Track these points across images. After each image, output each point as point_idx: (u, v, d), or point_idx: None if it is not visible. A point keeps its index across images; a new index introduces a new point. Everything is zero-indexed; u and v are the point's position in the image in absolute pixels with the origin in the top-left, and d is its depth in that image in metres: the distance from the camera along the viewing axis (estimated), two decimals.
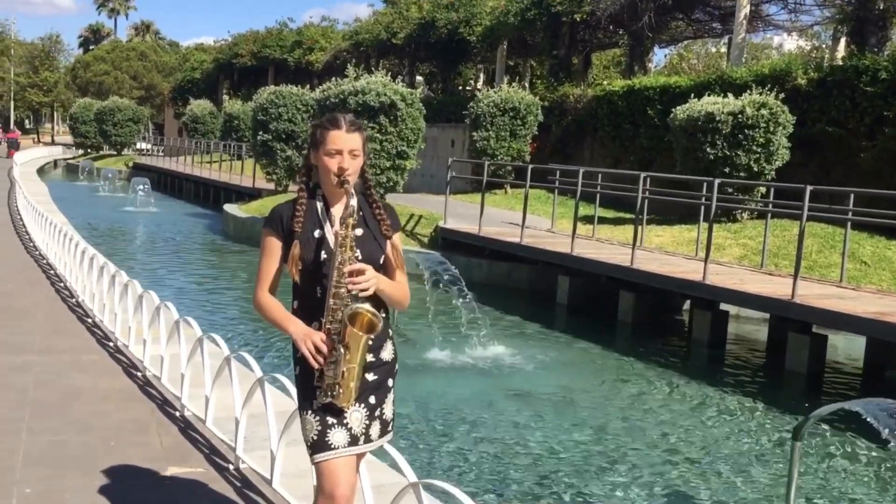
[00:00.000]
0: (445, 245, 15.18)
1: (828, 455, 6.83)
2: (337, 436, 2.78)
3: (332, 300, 2.72)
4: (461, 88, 35.43)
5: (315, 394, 2.78)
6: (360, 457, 2.97)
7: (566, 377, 9.00)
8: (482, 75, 37.84)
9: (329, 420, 2.78)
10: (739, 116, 14.35)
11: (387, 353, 2.90)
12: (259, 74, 43.23)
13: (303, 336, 2.74)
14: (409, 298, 2.95)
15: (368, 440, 2.86)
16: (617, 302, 11.96)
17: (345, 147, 2.78)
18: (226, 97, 45.59)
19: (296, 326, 2.78)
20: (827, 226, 12.85)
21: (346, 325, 2.68)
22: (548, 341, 10.70)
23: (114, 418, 5.14)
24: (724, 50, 33.12)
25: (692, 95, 15.84)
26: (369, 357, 2.81)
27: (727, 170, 14.27)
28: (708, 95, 15.52)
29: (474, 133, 20.12)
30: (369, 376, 2.84)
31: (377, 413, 2.88)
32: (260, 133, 21.90)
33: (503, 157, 19.67)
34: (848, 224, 11.18)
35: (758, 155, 14.37)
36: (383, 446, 3.02)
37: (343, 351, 2.70)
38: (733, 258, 12.69)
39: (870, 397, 3.29)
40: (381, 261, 2.86)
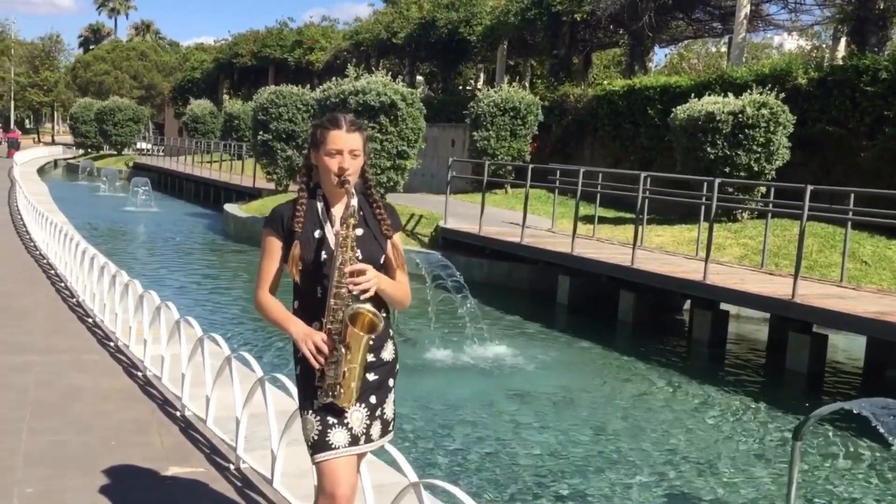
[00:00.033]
0: (446, 245, 15.17)
1: (828, 455, 6.83)
2: (338, 436, 2.78)
3: (333, 300, 2.71)
4: (461, 88, 35.44)
5: (316, 394, 2.78)
6: (361, 456, 2.97)
7: (566, 377, 9.00)
8: (482, 75, 37.85)
9: (330, 420, 2.78)
10: (740, 116, 14.35)
11: (387, 353, 2.90)
12: (259, 74, 43.27)
13: (303, 336, 2.74)
14: (411, 298, 2.95)
15: (369, 440, 2.86)
16: (617, 302, 11.96)
17: (345, 147, 2.78)
18: (226, 97, 45.61)
19: (296, 327, 2.78)
20: (827, 225, 12.85)
21: (347, 326, 2.68)
22: (548, 341, 10.70)
23: (114, 418, 5.15)
24: (725, 49, 33.12)
25: (692, 95, 15.85)
26: (370, 357, 2.81)
27: (727, 169, 14.27)
28: (708, 95, 15.52)
29: (475, 133, 20.12)
30: (370, 376, 2.83)
31: (378, 413, 2.88)
32: (260, 133, 21.91)
33: (503, 157, 19.67)
34: (848, 224, 11.18)
35: (758, 155, 14.37)
36: (384, 446, 3.01)
37: (344, 351, 2.70)
38: (734, 258, 12.69)
39: (870, 397, 3.29)
40: (382, 260, 2.86)
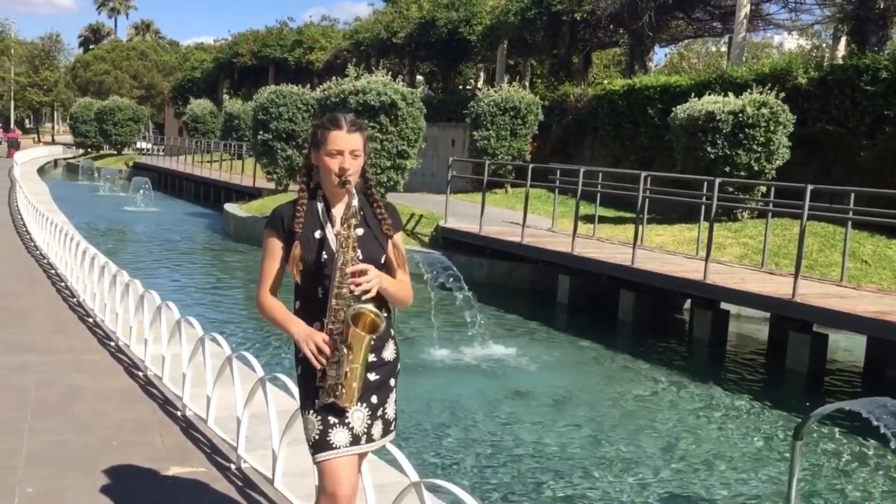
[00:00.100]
0: (446, 244, 15.17)
1: (829, 454, 6.83)
2: (339, 435, 2.78)
3: (335, 300, 2.71)
4: (461, 88, 35.45)
5: (317, 394, 2.77)
6: (363, 456, 2.97)
7: (567, 376, 9.01)
8: (482, 74, 37.84)
9: (331, 420, 2.78)
10: (740, 115, 14.35)
11: (389, 353, 2.90)
12: (259, 74, 43.28)
13: (305, 337, 2.74)
14: (412, 297, 2.95)
15: (370, 440, 2.86)
16: (617, 301, 11.96)
17: (346, 147, 2.78)
18: (226, 96, 45.62)
19: (297, 327, 2.78)
20: (827, 225, 12.85)
21: (349, 326, 2.68)
22: (548, 341, 10.70)
23: (115, 418, 5.14)
24: (725, 49, 33.12)
25: (692, 95, 15.84)
26: (371, 357, 2.81)
27: (728, 169, 14.27)
28: (708, 94, 15.51)
29: (475, 132, 20.12)
30: (371, 376, 2.83)
31: (379, 413, 2.88)
32: (260, 132, 21.90)
33: (504, 157, 19.66)
34: (848, 223, 11.17)
35: (758, 154, 14.37)
36: (385, 446, 3.01)
37: (346, 351, 2.70)
38: (734, 257, 12.69)
39: (870, 396, 3.29)
40: (383, 260, 2.85)
